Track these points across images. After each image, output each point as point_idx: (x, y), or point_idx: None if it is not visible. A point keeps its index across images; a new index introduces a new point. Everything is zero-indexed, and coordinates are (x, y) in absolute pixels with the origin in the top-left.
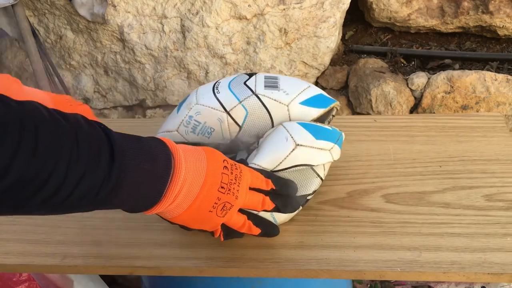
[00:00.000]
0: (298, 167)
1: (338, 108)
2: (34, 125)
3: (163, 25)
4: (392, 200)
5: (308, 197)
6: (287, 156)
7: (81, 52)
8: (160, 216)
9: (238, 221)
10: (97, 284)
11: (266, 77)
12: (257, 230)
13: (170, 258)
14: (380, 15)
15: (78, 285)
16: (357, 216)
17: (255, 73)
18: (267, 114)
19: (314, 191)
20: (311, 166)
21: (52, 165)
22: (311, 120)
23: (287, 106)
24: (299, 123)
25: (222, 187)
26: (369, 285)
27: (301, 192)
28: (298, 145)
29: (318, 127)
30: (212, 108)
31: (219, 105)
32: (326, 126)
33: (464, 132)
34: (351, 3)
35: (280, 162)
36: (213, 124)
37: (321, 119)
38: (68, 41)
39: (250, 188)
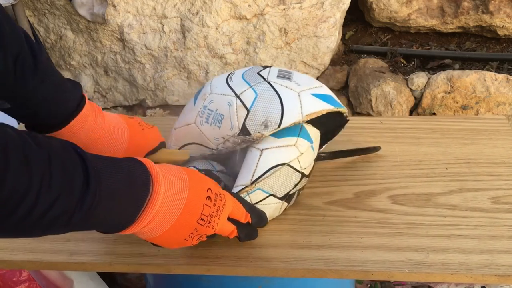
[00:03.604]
0: (275, 169)
1: (347, 115)
2: (4, 150)
3: (163, 25)
4: (399, 201)
5: (291, 192)
6: (257, 163)
7: (81, 52)
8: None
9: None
10: (97, 283)
11: (280, 70)
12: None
13: (178, 256)
14: (380, 15)
15: (78, 284)
16: (364, 216)
17: (270, 66)
18: (277, 98)
19: (296, 186)
20: (285, 164)
21: (23, 190)
22: (322, 111)
23: (298, 93)
24: None
25: (202, 219)
26: (369, 285)
27: (283, 190)
28: (262, 150)
29: (281, 130)
30: (223, 94)
31: (231, 91)
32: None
33: (469, 134)
34: (351, 3)
35: (254, 172)
36: (223, 110)
37: (331, 124)
38: (68, 41)
39: (228, 218)
